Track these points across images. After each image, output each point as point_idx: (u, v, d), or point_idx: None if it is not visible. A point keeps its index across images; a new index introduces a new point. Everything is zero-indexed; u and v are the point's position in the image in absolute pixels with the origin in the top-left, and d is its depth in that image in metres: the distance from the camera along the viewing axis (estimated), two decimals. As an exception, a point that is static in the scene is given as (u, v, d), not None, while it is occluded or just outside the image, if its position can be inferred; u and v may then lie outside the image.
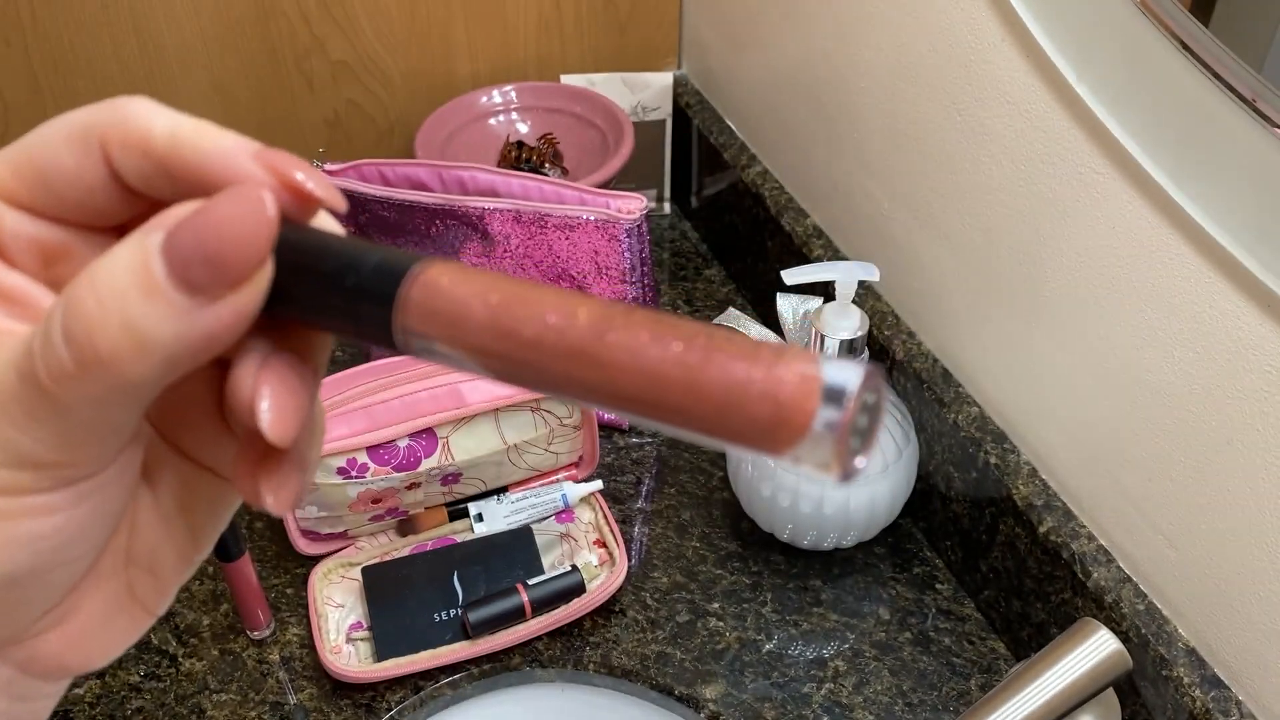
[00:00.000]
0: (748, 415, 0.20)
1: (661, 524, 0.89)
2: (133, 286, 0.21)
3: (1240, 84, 0.53)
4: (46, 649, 0.26)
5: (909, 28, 0.78)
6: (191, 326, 0.21)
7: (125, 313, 0.21)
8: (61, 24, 0.93)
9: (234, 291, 0.21)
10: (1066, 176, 0.67)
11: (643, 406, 0.21)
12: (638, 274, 0.89)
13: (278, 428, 0.23)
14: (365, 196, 0.91)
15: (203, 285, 0.21)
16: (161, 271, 0.21)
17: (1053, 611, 0.75)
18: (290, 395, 0.23)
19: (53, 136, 0.24)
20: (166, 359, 0.21)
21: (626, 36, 1.13)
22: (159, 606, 0.27)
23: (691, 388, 0.20)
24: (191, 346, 0.21)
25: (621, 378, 0.21)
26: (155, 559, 0.27)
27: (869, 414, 0.21)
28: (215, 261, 0.21)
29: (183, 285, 0.21)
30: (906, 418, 0.82)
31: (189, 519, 0.27)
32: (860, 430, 0.20)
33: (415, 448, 0.80)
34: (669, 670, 0.79)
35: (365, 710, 0.77)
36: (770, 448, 0.20)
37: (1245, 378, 0.59)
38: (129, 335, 0.21)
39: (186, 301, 0.21)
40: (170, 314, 0.21)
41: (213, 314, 0.21)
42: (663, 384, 0.21)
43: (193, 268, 0.21)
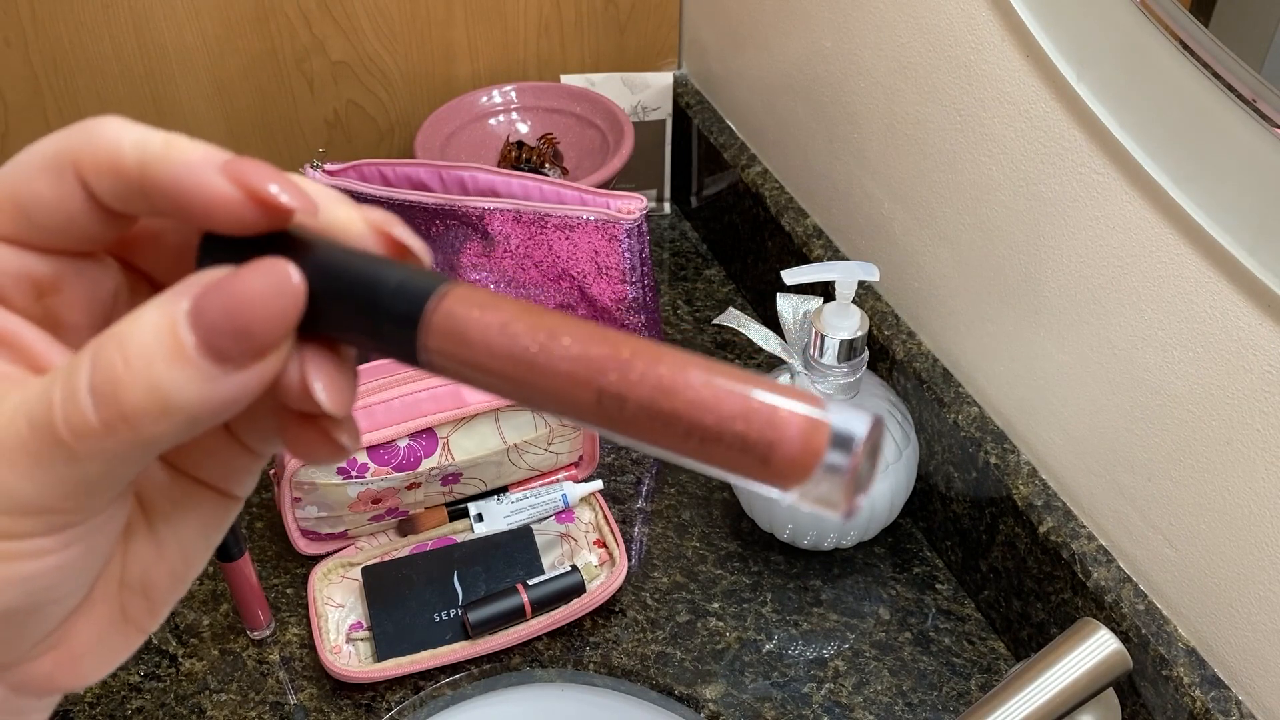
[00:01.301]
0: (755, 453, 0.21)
1: (661, 524, 0.89)
2: (161, 351, 0.21)
3: (1240, 84, 0.53)
4: (39, 671, 0.26)
5: (909, 28, 0.78)
6: (216, 391, 0.22)
7: (153, 376, 0.21)
8: (61, 24, 0.93)
9: (261, 361, 0.22)
10: (1066, 176, 0.67)
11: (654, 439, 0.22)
12: (638, 274, 0.89)
13: (333, 399, 0.23)
14: (365, 196, 0.91)
15: (230, 356, 0.21)
16: (190, 340, 0.21)
17: (1053, 611, 0.75)
18: (335, 373, 0.24)
19: (27, 167, 0.24)
20: (189, 420, 0.22)
21: (626, 36, 1.13)
22: (151, 625, 0.27)
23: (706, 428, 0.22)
24: (216, 410, 0.22)
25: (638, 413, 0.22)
26: (148, 581, 0.27)
27: (871, 458, 0.22)
28: (243, 335, 0.21)
29: (210, 354, 0.21)
30: (906, 418, 0.82)
31: (181, 540, 0.27)
32: (863, 473, 0.22)
33: (415, 448, 0.80)
34: (669, 670, 0.79)
35: (365, 710, 0.77)
36: (775, 484, 0.22)
37: (1245, 378, 0.59)
38: (155, 398, 0.21)
39: (213, 369, 0.21)
40: (197, 379, 0.21)
41: (240, 380, 0.22)
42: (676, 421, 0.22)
43: (221, 339, 0.21)
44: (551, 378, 0.22)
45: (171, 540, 0.27)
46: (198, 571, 0.28)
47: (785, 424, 0.21)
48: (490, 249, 0.90)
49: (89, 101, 0.97)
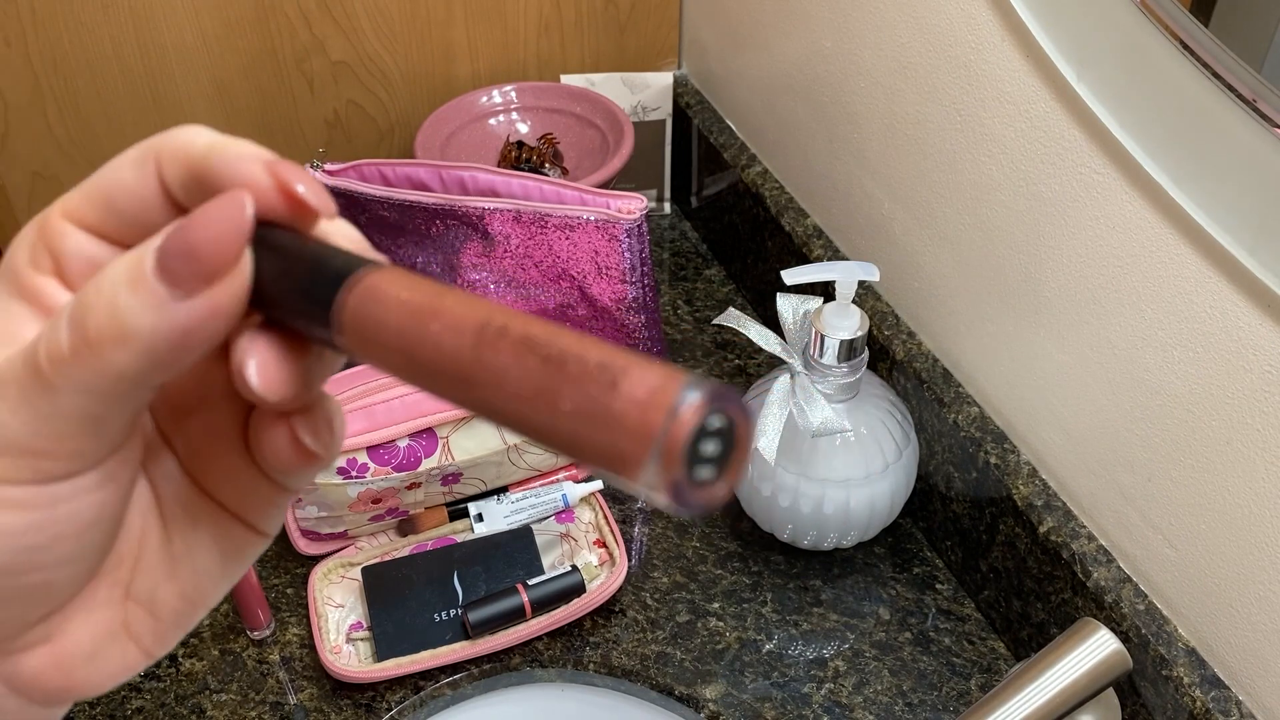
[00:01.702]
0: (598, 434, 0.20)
1: (661, 524, 0.89)
2: (124, 279, 0.23)
3: (1240, 84, 0.53)
4: (31, 665, 0.26)
5: (909, 28, 0.78)
6: (168, 318, 0.22)
7: (114, 301, 0.22)
8: (61, 24, 0.93)
9: (209, 286, 0.22)
10: (1066, 176, 0.67)
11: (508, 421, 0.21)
12: (638, 274, 0.89)
13: (265, 381, 0.24)
14: (365, 196, 0.91)
15: (181, 278, 0.22)
16: (150, 265, 0.22)
17: (1053, 611, 0.75)
18: (277, 357, 0.24)
19: (121, 160, 0.26)
20: (146, 350, 0.22)
21: (626, 36, 1.13)
22: (156, 649, 0.28)
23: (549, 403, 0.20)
24: (169, 339, 0.22)
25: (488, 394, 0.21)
26: (155, 598, 0.27)
27: (719, 440, 0.19)
28: (192, 255, 0.22)
29: (164, 277, 0.22)
30: (906, 418, 0.82)
31: (195, 561, 0.27)
32: (709, 457, 0.19)
33: (415, 448, 0.80)
34: (669, 670, 0.79)
35: (365, 710, 0.77)
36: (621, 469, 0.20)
37: (1245, 378, 0.59)
38: (114, 322, 0.22)
39: (165, 293, 0.22)
40: (151, 304, 0.22)
41: (188, 307, 0.22)
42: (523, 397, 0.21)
43: (172, 260, 0.22)
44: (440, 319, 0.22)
45: (185, 558, 0.27)
46: (211, 602, 0.28)
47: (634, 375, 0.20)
48: (490, 249, 0.90)
49: (89, 101, 0.97)
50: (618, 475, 0.20)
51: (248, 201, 0.23)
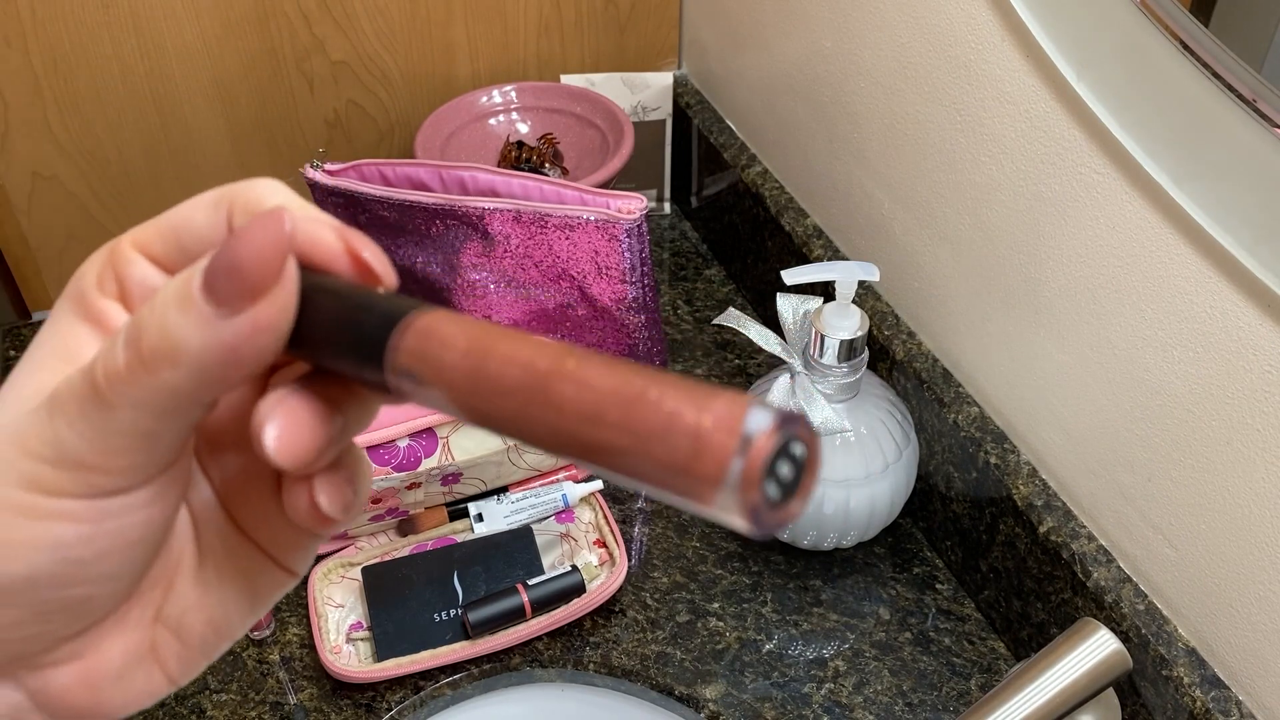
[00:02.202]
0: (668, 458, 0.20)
1: (661, 524, 0.89)
2: (173, 299, 0.23)
3: (1240, 84, 0.53)
4: (59, 682, 0.26)
5: (909, 28, 0.78)
6: (215, 335, 0.23)
7: (165, 320, 0.23)
8: (61, 24, 0.93)
9: (253, 303, 0.23)
10: (1066, 176, 0.67)
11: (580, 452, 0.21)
12: (638, 274, 0.89)
13: (282, 449, 0.24)
14: (365, 196, 0.91)
15: (225, 295, 0.23)
16: (197, 285, 0.23)
17: (1053, 611, 0.75)
18: (297, 425, 0.25)
19: (197, 201, 0.27)
20: (196, 367, 0.23)
21: (626, 36, 1.13)
22: (180, 675, 0.28)
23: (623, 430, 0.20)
24: (218, 356, 0.23)
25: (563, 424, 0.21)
26: (184, 624, 0.27)
27: (791, 464, 0.20)
28: (234, 272, 0.23)
29: (209, 296, 0.23)
30: (906, 418, 0.82)
31: (224, 591, 0.28)
32: (782, 480, 0.20)
33: (415, 448, 0.80)
34: (669, 670, 0.79)
35: (365, 710, 0.77)
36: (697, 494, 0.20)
37: (1245, 378, 0.59)
38: (165, 340, 0.23)
39: (211, 311, 0.23)
40: (199, 322, 0.23)
41: (234, 325, 0.23)
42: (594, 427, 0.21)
43: (218, 278, 0.23)
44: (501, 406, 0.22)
45: (216, 587, 0.28)
46: (236, 633, 0.29)
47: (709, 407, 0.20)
48: (490, 249, 0.90)
49: (89, 102, 0.97)
50: (694, 504, 0.20)
51: (287, 218, 0.23)
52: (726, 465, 0.19)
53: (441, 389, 0.23)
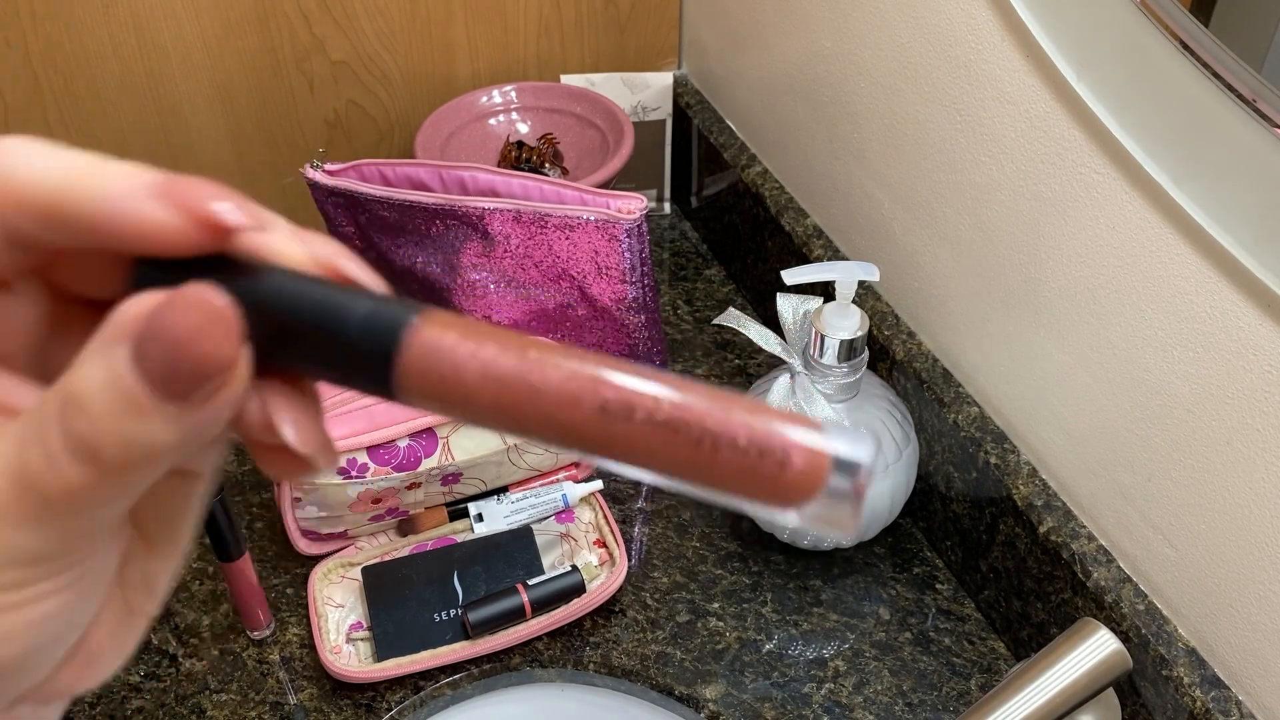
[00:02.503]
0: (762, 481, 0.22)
1: (661, 524, 0.89)
2: (121, 407, 0.21)
3: (1240, 84, 0.53)
4: (62, 683, 0.26)
5: (909, 28, 0.78)
6: (191, 425, 0.21)
7: (123, 432, 0.21)
8: (61, 24, 0.93)
9: (223, 386, 0.21)
10: (1066, 176, 0.67)
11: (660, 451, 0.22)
12: (638, 274, 0.89)
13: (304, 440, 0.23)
14: (365, 196, 0.91)
15: (189, 393, 0.21)
16: (145, 392, 0.21)
17: (1053, 611, 0.75)
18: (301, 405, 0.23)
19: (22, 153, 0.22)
20: (178, 453, 0.22)
21: (626, 36, 1.13)
22: (154, 607, 0.27)
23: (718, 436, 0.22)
24: (198, 438, 0.22)
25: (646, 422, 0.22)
26: (147, 573, 0.27)
27: None
28: (194, 374, 0.21)
29: (169, 399, 0.21)
30: (906, 418, 0.82)
31: (168, 529, 0.27)
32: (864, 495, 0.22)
33: (415, 448, 0.80)
34: (669, 670, 0.79)
35: (365, 710, 0.77)
36: (779, 503, 0.22)
37: (1245, 378, 0.59)
38: (132, 450, 0.21)
39: (175, 410, 0.21)
40: (167, 423, 0.21)
41: (209, 410, 0.21)
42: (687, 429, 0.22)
43: (174, 383, 0.21)
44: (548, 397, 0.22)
45: (159, 532, 0.27)
46: (187, 544, 0.27)
47: (794, 440, 0.22)
48: (490, 249, 0.90)
49: (89, 102, 0.97)
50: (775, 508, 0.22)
51: (220, 300, 0.21)
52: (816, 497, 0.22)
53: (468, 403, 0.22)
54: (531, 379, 0.22)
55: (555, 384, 0.22)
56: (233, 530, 0.75)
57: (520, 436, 0.22)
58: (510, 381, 0.22)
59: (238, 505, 0.90)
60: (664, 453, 0.22)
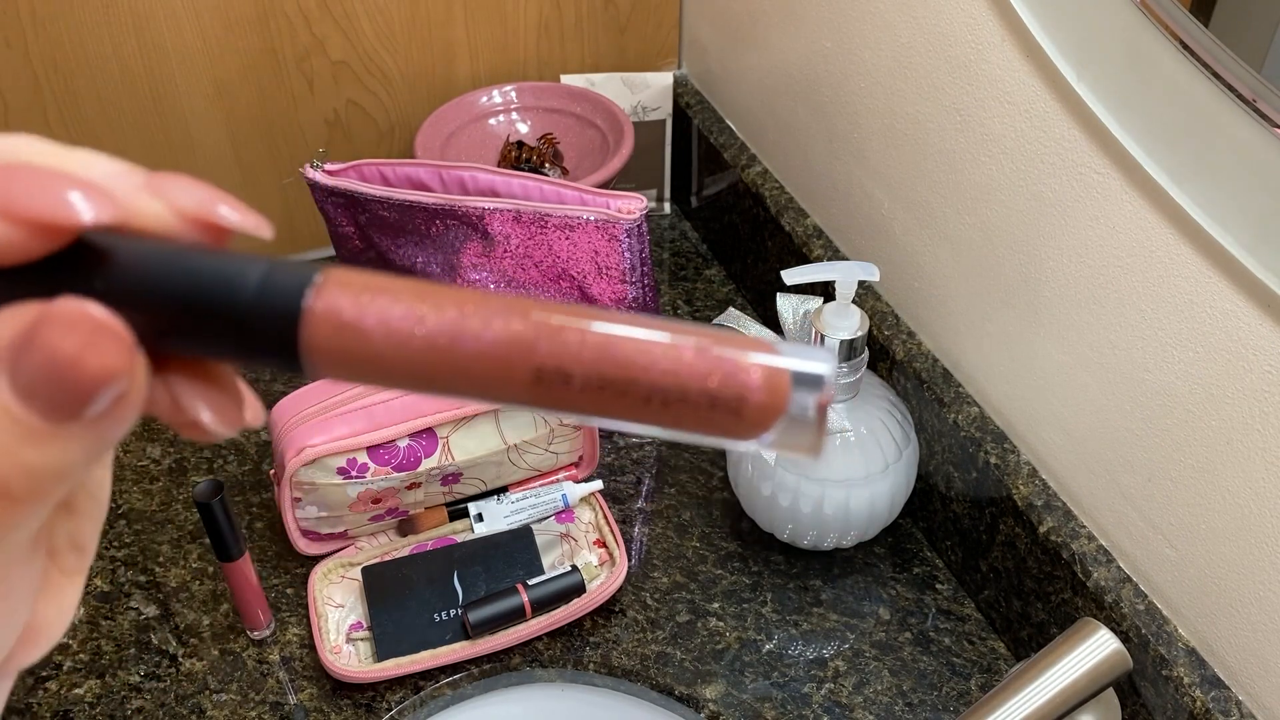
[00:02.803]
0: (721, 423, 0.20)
1: (661, 524, 0.89)
2: (16, 440, 0.20)
3: (1240, 84, 0.53)
4: (16, 658, 0.25)
5: (909, 28, 0.78)
6: (94, 440, 0.20)
7: (22, 461, 0.20)
8: (61, 24, 0.93)
9: (122, 399, 0.20)
10: (1066, 176, 0.67)
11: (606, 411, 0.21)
12: (638, 274, 0.89)
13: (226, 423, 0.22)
14: (365, 196, 0.91)
15: (84, 412, 0.20)
16: (37, 420, 0.19)
17: (1053, 611, 0.75)
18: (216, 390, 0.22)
19: None
20: (81, 468, 0.21)
21: (626, 36, 1.13)
22: (87, 562, 0.26)
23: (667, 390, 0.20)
24: (102, 448, 0.21)
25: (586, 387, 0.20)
26: (74, 535, 0.26)
27: None
28: (86, 394, 0.19)
29: (64, 420, 0.20)
30: (906, 418, 0.82)
31: (88, 489, 0.26)
32: None
33: (415, 448, 0.80)
34: (669, 670, 0.79)
35: (365, 710, 0.77)
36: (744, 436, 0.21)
37: (1245, 378, 0.59)
38: (36, 476, 0.20)
39: (76, 427, 0.20)
40: (69, 443, 0.20)
41: (111, 422, 0.20)
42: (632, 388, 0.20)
43: (65, 407, 0.19)
44: (475, 364, 0.20)
45: (79, 495, 0.26)
46: (106, 497, 0.26)
47: (749, 373, 0.20)
48: (490, 249, 0.90)
49: (89, 101, 0.97)
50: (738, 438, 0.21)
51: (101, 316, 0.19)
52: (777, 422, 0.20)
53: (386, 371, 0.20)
54: (459, 347, 0.20)
55: (487, 348, 0.20)
56: (233, 530, 0.75)
57: (450, 397, 0.21)
58: (435, 348, 0.20)
59: (238, 505, 0.90)
60: (612, 410, 0.20)
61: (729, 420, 0.20)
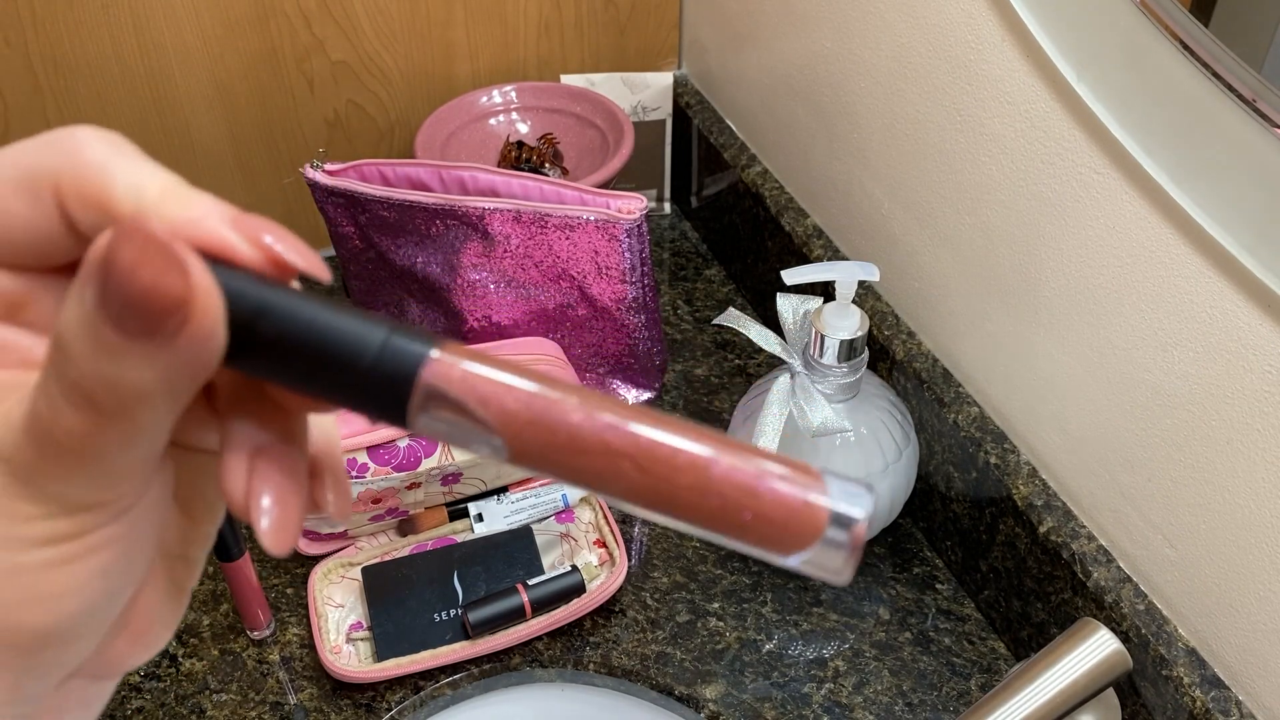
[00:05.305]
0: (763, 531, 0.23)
1: (661, 524, 0.89)
2: (95, 350, 0.21)
3: (1240, 84, 0.53)
4: (116, 653, 0.26)
5: (909, 28, 0.78)
6: (167, 364, 0.21)
7: (107, 375, 0.21)
8: (61, 24, 0.93)
9: (184, 320, 0.21)
10: (1066, 176, 0.67)
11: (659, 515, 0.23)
12: (638, 274, 0.89)
13: (279, 540, 0.24)
14: (365, 196, 0.91)
15: (158, 329, 0.21)
16: (115, 335, 0.21)
17: (1053, 611, 0.75)
18: (286, 501, 0.24)
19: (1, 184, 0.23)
20: (166, 393, 0.22)
21: (626, 36, 1.13)
22: (192, 583, 0.28)
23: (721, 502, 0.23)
24: (184, 372, 0.22)
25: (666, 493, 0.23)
26: (187, 544, 0.27)
27: None
28: (140, 310, 0.20)
29: (133, 336, 0.21)
30: (906, 418, 0.82)
31: (206, 501, 0.28)
32: None
33: (415, 448, 0.80)
34: (669, 670, 0.79)
35: (365, 710, 0.77)
36: (777, 554, 0.23)
37: (1245, 378, 0.59)
38: (120, 393, 0.21)
39: (147, 347, 0.21)
40: (140, 363, 0.21)
41: (176, 349, 0.21)
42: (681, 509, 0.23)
43: (130, 320, 0.20)
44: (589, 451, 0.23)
45: (197, 502, 0.27)
46: (219, 522, 0.28)
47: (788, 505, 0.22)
48: (490, 249, 0.90)
49: (89, 102, 0.97)
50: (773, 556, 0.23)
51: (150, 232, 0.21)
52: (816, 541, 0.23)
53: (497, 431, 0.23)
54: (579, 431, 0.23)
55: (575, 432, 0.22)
56: (233, 530, 0.75)
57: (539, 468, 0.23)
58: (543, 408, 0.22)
59: (238, 505, 0.90)
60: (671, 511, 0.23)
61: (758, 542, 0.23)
